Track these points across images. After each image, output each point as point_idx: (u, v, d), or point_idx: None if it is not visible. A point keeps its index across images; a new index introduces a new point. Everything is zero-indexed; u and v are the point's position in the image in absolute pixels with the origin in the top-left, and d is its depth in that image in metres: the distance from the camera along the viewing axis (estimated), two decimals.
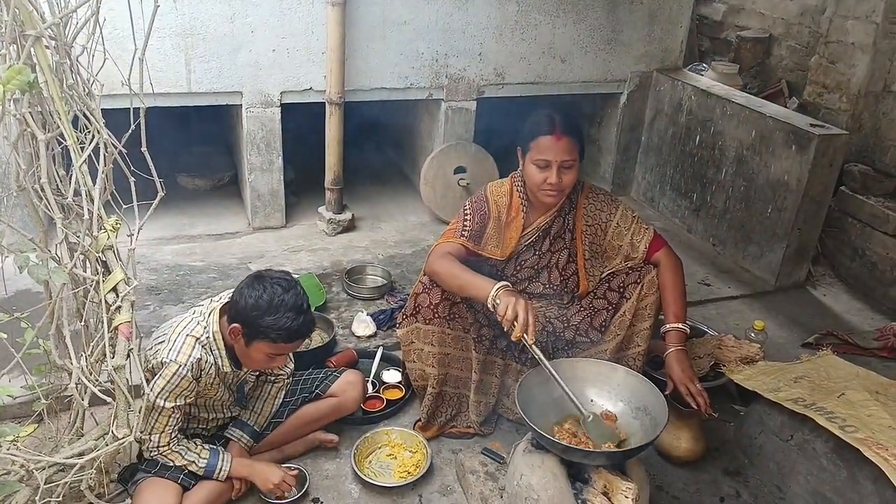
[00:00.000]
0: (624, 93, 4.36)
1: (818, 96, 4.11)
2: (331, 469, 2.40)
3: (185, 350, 2.01)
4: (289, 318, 1.95)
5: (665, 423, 1.89)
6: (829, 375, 2.56)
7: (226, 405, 2.27)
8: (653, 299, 2.47)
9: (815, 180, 3.40)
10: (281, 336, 1.96)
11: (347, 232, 3.94)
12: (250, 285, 2.00)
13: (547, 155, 2.30)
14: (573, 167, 2.34)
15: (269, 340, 1.97)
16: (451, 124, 4.05)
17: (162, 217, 3.93)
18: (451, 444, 2.53)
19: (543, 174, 2.32)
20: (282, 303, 1.95)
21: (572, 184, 2.39)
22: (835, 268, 3.86)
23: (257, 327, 1.96)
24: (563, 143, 2.30)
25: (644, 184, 4.55)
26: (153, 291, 3.27)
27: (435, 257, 2.37)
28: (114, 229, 2.06)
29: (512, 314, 2.04)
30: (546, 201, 2.41)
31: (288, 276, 2.04)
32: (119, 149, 2.04)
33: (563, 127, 2.30)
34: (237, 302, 2.00)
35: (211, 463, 2.10)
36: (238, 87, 3.55)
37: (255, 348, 2.00)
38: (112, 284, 2.02)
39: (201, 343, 2.04)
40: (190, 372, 2.00)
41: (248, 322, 1.97)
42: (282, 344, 1.98)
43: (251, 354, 2.03)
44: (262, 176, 3.79)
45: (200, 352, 2.03)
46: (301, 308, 1.99)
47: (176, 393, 2.01)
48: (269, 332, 1.95)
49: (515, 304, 2.04)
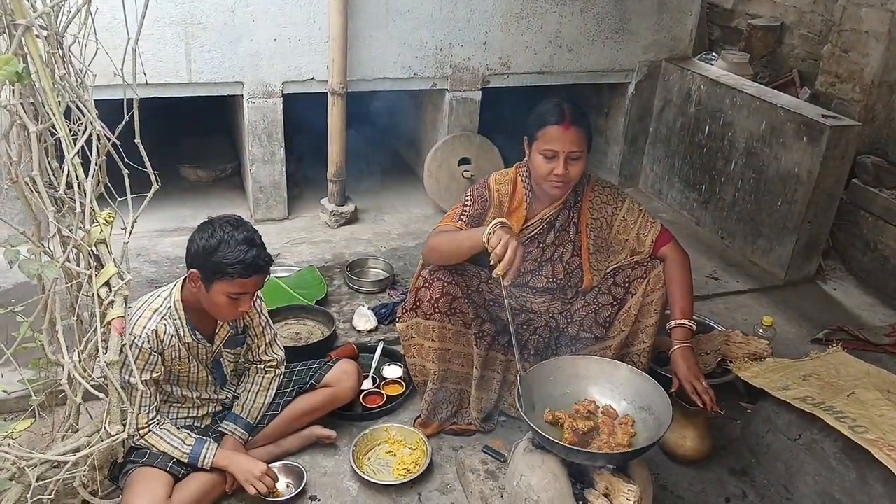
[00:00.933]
0: (632, 83, 4.28)
1: (831, 86, 4.02)
2: (329, 466, 2.36)
3: (141, 322, 2.02)
4: (241, 251, 1.94)
5: (669, 423, 1.84)
6: (838, 373, 2.50)
7: (207, 385, 2.24)
8: (659, 295, 2.42)
9: (826, 172, 3.33)
10: (237, 270, 1.94)
11: (350, 224, 3.89)
12: (201, 229, 2.01)
13: (554, 145, 2.24)
14: (581, 158, 2.28)
15: (227, 278, 1.95)
16: (456, 115, 3.99)
17: (163, 209, 3.90)
18: (452, 442, 2.49)
19: (550, 165, 2.27)
20: (232, 237, 1.95)
21: (579, 176, 2.33)
22: (846, 262, 3.79)
23: (212, 266, 1.95)
24: (572, 133, 2.24)
25: (652, 175, 4.48)
26: (153, 284, 3.24)
27: (431, 237, 2.35)
28: (107, 223, 2.02)
29: (501, 250, 1.98)
30: (552, 193, 2.36)
31: (237, 217, 2.05)
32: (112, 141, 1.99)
33: (572, 116, 2.24)
34: (190, 249, 2.01)
35: (195, 450, 2.08)
36: (239, 77, 3.50)
37: (216, 291, 1.98)
38: (105, 279, 1.98)
39: (160, 313, 2.05)
40: (147, 343, 2.00)
41: (202, 264, 1.97)
42: (240, 279, 1.96)
43: (214, 299, 2.00)
44: (264, 167, 3.75)
45: (158, 322, 2.03)
46: (253, 241, 1.99)
47: (138, 367, 1.99)
48: (224, 267, 1.94)
49: (508, 241, 1.99)
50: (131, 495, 1.96)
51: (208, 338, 2.16)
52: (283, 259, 3.49)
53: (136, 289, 3.18)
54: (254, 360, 2.34)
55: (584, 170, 2.35)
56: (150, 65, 3.30)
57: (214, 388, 2.27)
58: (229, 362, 2.28)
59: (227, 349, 2.25)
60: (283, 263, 3.43)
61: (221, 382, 2.29)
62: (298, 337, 2.90)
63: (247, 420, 2.28)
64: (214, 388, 2.28)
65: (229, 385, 2.32)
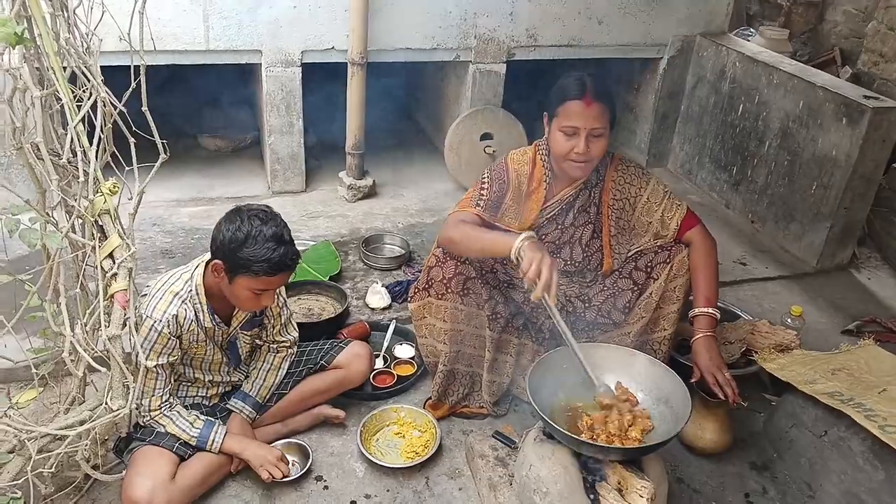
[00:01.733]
0: (664, 58, 4.12)
1: (874, 65, 3.83)
2: (336, 446, 2.32)
3: (161, 306, 1.96)
4: (268, 249, 1.86)
5: (687, 418, 1.75)
6: (870, 368, 2.38)
7: (221, 367, 2.20)
8: (682, 281, 2.32)
9: (866, 156, 3.17)
10: (262, 268, 1.87)
11: (368, 198, 3.82)
12: (228, 219, 1.93)
13: (575, 121, 2.14)
14: (603, 136, 2.17)
15: (250, 274, 1.88)
16: (479, 88, 3.87)
17: (181, 178, 3.86)
18: (462, 425, 2.43)
19: (570, 143, 2.16)
20: (260, 233, 1.86)
21: (601, 154, 2.22)
22: (882, 250, 3.62)
23: (237, 261, 1.87)
24: (594, 109, 2.13)
25: (682, 155, 4.33)
26: (167, 255, 3.21)
27: (448, 225, 2.24)
28: (111, 193, 1.96)
29: (535, 271, 1.88)
30: (572, 174, 2.25)
31: (266, 208, 1.96)
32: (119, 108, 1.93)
33: (594, 91, 2.13)
34: (216, 238, 1.93)
35: (203, 434, 2.04)
36: (257, 45, 3.42)
37: (239, 284, 1.92)
38: (108, 250, 1.93)
39: (181, 297, 1.99)
40: (166, 328, 1.95)
41: (227, 256, 1.89)
42: (264, 277, 1.89)
43: (236, 292, 1.95)
44: (282, 139, 3.68)
45: (179, 307, 1.97)
46: (281, 238, 1.90)
47: (157, 351, 1.96)
48: (249, 264, 1.87)
49: (541, 260, 1.88)
50: (134, 473, 1.93)
51: (226, 320, 2.11)
52: (299, 232, 3.43)
53: (149, 259, 3.16)
54: (268, 339, 2.28)
55: (607, 148, 2.24)
56: (167, 31, 3.24)
57: (228, 369, 2.23)
58: (245, 343, 2.23)
59: (243, 331, 2.19)
60: (299, 237, 3.33)
61: (236, 363, 2.24)
62: (311, 313, 2.85)
63: (255, 399, 2.24)
64: (228, 370, 2.23)
65: (243, 366, 2.28)
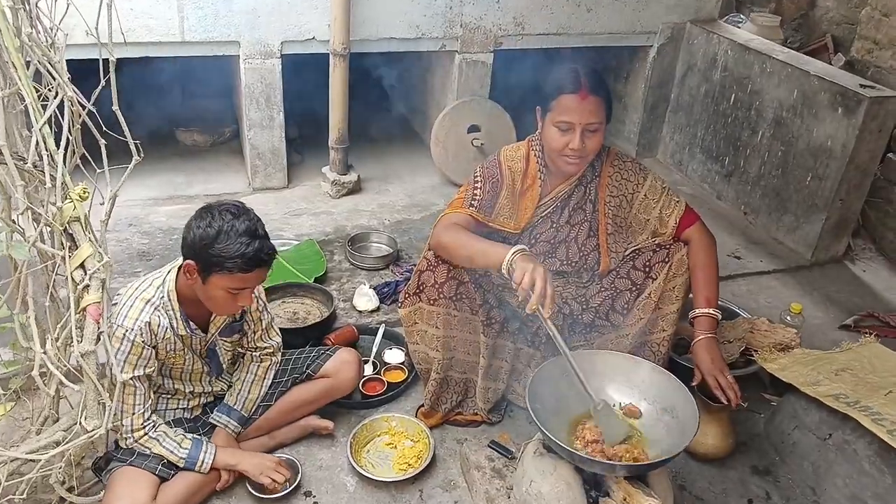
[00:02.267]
0: (654, 46, 4.03)
1: (868, 53, 3.76)
2: (325, 459, 2.22)
3: (132, 314, 1.85)
4: (242, 244, 1.76)
5: (695, 430, 1.67)
6: (873, 367, 2.32)
7: (202, 377, 2.10)
8: (682, 280, 2.24)
9: (862, 147, 3.10)
10: (236, 264, 1.76)
11: (352, 194, 3.70)
12: (198, 216, 1.83)
13: (570, 116, 2.04)
14: (598, 131, 2.08)
15: (224, 272, 1.78)
16: (466, 79, 3.76)
17: (157, 175, 3.72)
18: (456, 433, 2.34)
19: (565, 138, 2.07)
20: (232, 228, 1.77)
21: (597, 149, 2.14)
22: (876, 241, 3.58)
23: (210, 259, 1.77)
24: (589, 102, 2.03)
25: (672, 145, 4.25)
26: (144, 257, 3.08)
27: (440, 228, 2.14)
28: (81, 199, 1.84)
29: (529, 282, 1.78)
30: (566, 170, 2.16)
31: (239, 203, 1.86)
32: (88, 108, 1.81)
33: (590, 84, 2.04)
34: (186, 237, 1.83)
35: (192, 455, 1.94)
36: (235, 36, 3.28)
37: (213, 284, 1.81)
38: (80, 260, 1.82)
39: (153, 304, 1.88)
40: (139, 337, 1.84)
41: (199, 255, 1.79)
42: (239, 274, 1.79)
43: (211, 293, 1.84)
44: (262, 133, 3.55)
45: (152, 314, 1.86)
46: (255, 232, 1.80)
47: (131, 362, 1.85)
48: (222, 261, 1.76)
49: (533, 270, 1.79)
50: (113, 497, 1.83)
51: (203, 327, 2.00)
52: (282, 231, 3.32)
53: (125, 262, 3.03)
54: (249, 346, 2.18)
55: (602, 143, 2.15)
56: (139, 22, 3.10)
57: (209, 378, 2.12)
58: (226, 351, 2.13)
59: (223, 338, 2.09)
60: (282, 236, 3.26)
61: (217, 372, 2.13)
62: (296, 317, 2.74)
63: (240, 412, 2.13)
64: (209, 379, 2.13)
65: (225, 374, 2.17)
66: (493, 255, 1.92)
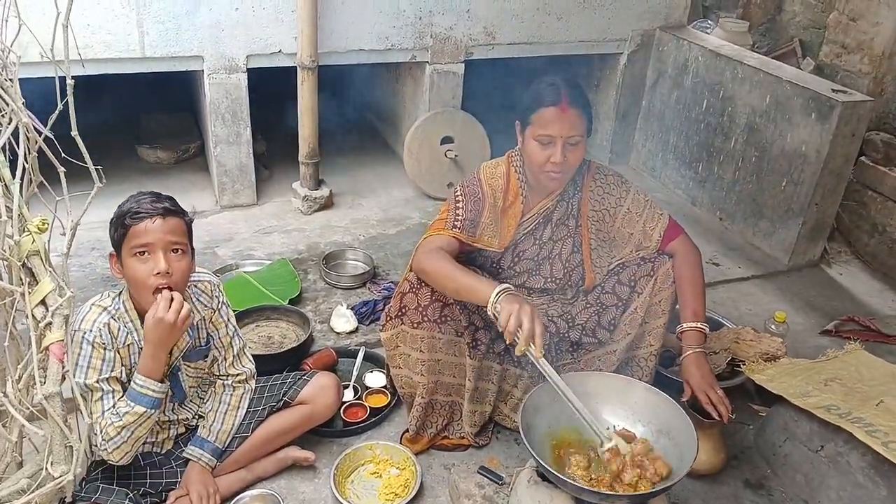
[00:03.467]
0: (624, 53, 4.01)
1: (836, 57, 3.79)
2: (307, 492, 2.12)
3: (90, 317, 1.80)
4: (133, 199, 1.80)
5: (694, 454, 1.63)
6: (861, 376, 2.31)
7: (167, 406, 1.99)
8: (668, 294, 2.20)
9: (836, 151, 3.11)
10: (130, 215, 1.76)
11: (325, 210, 3.61)
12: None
13: (550, 130, 1.99)
14: (579, 144, 2.04)
15: (124, 231, 1.76)
16: (437, 90, 3.70)
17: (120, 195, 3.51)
18: (443, 459, 2.26)
19: (546, 152, 2.02)
20: (132, 198, 1.82)
21: (578, 163, 2.09)
22: (851, 244, 3.60)
23: (116, 231, 1.79)
24: (570, 115, 1.99)
25: (644, 152, 4.24)
26: (109, 282, 2.95)
27: (423, 253, 2.07)
28: (40, 230, 1.73)
29: (515, 324, 1.75)
30: (548, 184, 2.11)
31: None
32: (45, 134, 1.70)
33: (570, 97, 1.99)
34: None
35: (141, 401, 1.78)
36: (198, 50, 3.17)
37: (125, 258, 1.78)
38: (40, 297, 1.70)
39: (110, 312, 1.82)
40: (99, 337, 1.77)
41: (112, 237, 1.81)
42: (135, 227, 1.75)
43: (129, 275, 1.78)
44: (229, 149, 3.44)
45: (109, 319, 1.81)
46: (157, 196, 1.82)
47: (95, 367, 1.77)
48: (122, 221, 1.77)
49: (519, 311, 1.76)
50: None
51: None
52: (252, 251, 3.21)
53: (89, 288, 2.90)
54: (220, 374, 2.08)
55: (584, 156, 2.11)
56: (97, 38, 2.97)
57: (172, 405, 2.01)
58: (189, 377, 2.02)
59: (186, 362, 1.98)
60: (253, 256, 3.15)
61: (180, 399, 2.02)
62: (271, 341, 2.64)
63: (214, 444, 2.03)
64: (172, 406, 2.01)
65: (189, 402, 2.06)
66: (479, 291, 1.89)
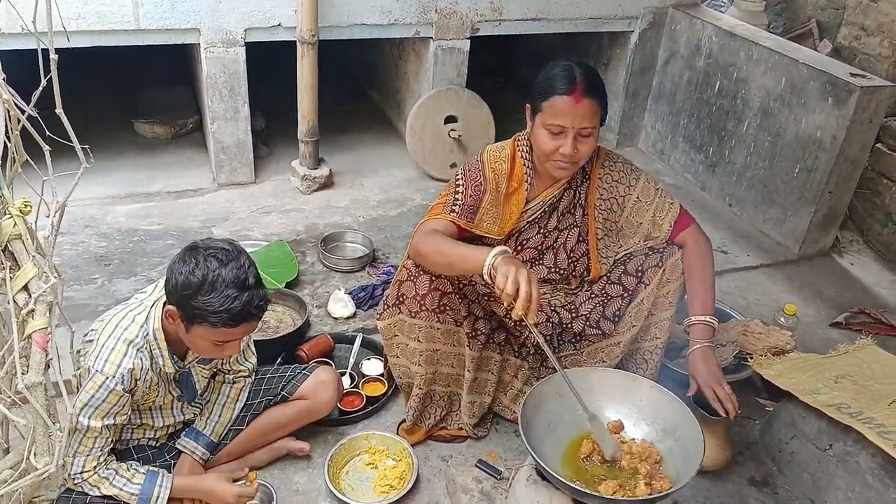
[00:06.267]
0: (635, 31, 3.89)
1: (855, 39, 3.66)
2: (301, 482, 2.07)
3: (114, 359, 1.66)
4: (228, 297, 1.58)
5: (701, 457, 1.56)
6: (873, 373, 2.24)
7: (174, 407, 1.93)
8: (676, 286, 2.12)
9: (852, 138, 3.01)
10: (221, 319, 1.59)
11: (324, 189, 3.52)
12: (182, 259, 1.62)
13: (562, 120, 1.89)
14: (592, 135, 1.93)
15: (208, 325, 1.60)
16: (441, 67, 3.59)
17: (115, 171, 3.50)
18: (441, 450, 2.21)
19: (555, 142, 1.92)
20: (217, 277, 1.58)
21: (589, 155, 1.99)
22: (864, 233, 3.50)
23: (192, 309, 1.60)
24: (584, 106, 1.88)
25: (654, 134, 4.13)
26: (102, 261, 2.88)
27: (419, 237, 1.99)
28: (22, 213, 1.65)
29: (513, 287, 1.63)
30: (555, 174, 2.02)
31: (228, 246, 1.65)
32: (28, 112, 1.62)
33: (585, 86, 1.88)
34: (168, 280, 1.64)
35: (145, 490, 1.76)
36: (195, 23, 3.07)
37: (196, 334, 1.64)
38: (23, 282, 1.64)
39: (136, 347, 1.69)
40: (120, 385, 1.66)
41: (181, 304, 1.61)
42: (224, 329, 1.61)
43: (195, 343, 1.68)
44: (227, 125, 3.35)
45: (135, 360, 1.67)
46: (244, 283, 1.61)
47: (104, 410, 1.67)
48: (205, 314, 1.59)
49: (517, 273, 1.64)
50: None
51: (181, 356, 1.83)
52: (250, 231, 3.14)
53: (82, 267, 2.83)
54: (223, 369, 2.01)
55: (596, 145, 2.02)
56: (89, 8, 2.87)
57: (181, 404, 1.95)
58: (203, 377, 1.95)
59: (201, 365, 1.91)
60: (250, 236, 3.08)
61: (189, 399, 1.96)
62: (266, 326, 2.57)
63: (209, 438, 1.97)
64: (181, 406, 1.95)
65: (198, 400, 2.00)
66: (474, 259, 1.77)
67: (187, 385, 1.92)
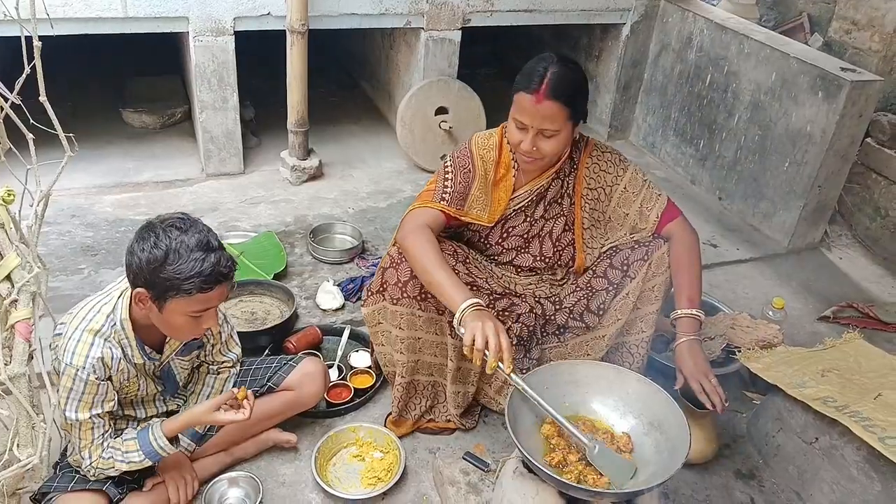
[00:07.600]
0: (627, 23, 3.88)
1: (846, 34, 3.66)
2: (288, 474, 2.07)
3: (81, 349, 1.64)
4: (196, 261, 1.56)
5: (687, 450, 1.56)
6: (860, 367, 2.25)
7: (157, 399, 1.92)
8: (662, 279, 2.12)
9: (842, 132, 3.01)
10: (194, 284, 1.56)
11: (314, 180, 3.50)
12: (139, 238, 1.60)
13: (523, 117, 1.90)
14: (555, 136, 1.93)
15: (182, 295, 1.58)
16: (433, 57, 3.57)
17: (103, 160, 3.47)
18: (429, 442, 2.21)
19: (521, 136, 1.95)
20: (181, 245, 1.56)
21: (555, 153, 1.99)
22: (852, 227, 3.52)
23: (163, 284, 1.57)
24: (545, 107, 1.86)
25: (645, 127, 4.13)
26: (89, 252, 2.86)
27: (409, 228, 1.98)
28: (5, 202, 1.63)
29: (481, 342, 1.66)
30: (523, 166, 2.05)
31: (183, 215, 1.64)
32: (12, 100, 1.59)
33: (552, 88, 1.84)
34: (130, 264, 1.61)
35: (146, 452, 1.75)
36: (183, 11, 3.04)
37: (171, 311, 1.61)
38: (5, 272, 1.63)
39: (103, 336, 1.67)
40: (93, 374, 1.64)
41: (150, 282, 1.58)
42: (199, 295, 1.59)
43: (170, 321, 1.65)
44: (216, 115, 3.32)
45: (102, 348, 1.65)
46: (208, 245, 1.60)
47: (87, 401, 1.66)
48: (178, 283, 1.56)
49: (483, 327, 1.67)
50: None
51: (157, 348, 1.80)
52: (238, 222, 3.12)
53: (68, 257, 2.81)
54: (206, 360, 2.00)
55: (568, 144, 2.00)
56: None
57: (164, 398, 1.93)
58: (183, 369, 1.94)
59: (180, 357, 1.89)
60: (238, 227, 3.06)
61: (173, 391, 1.95)
62: (254, 317, 2.56)
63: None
64: (164, 399, 1.94)
65: (181, 391, 1.99)
66: (449, 298, 1.81)
67: (168, 378, 1.91)
